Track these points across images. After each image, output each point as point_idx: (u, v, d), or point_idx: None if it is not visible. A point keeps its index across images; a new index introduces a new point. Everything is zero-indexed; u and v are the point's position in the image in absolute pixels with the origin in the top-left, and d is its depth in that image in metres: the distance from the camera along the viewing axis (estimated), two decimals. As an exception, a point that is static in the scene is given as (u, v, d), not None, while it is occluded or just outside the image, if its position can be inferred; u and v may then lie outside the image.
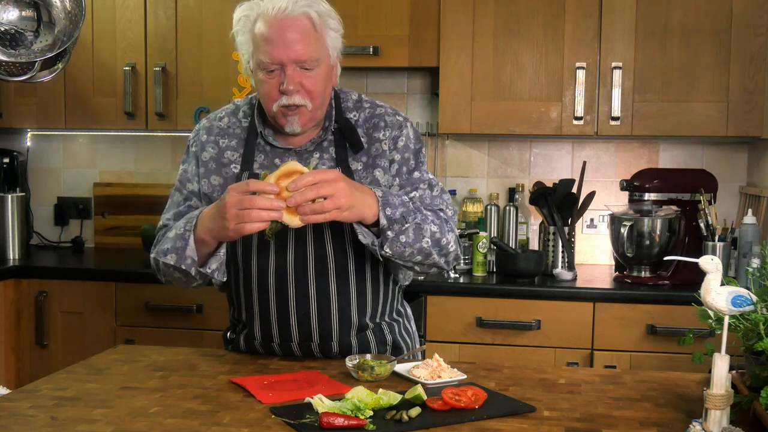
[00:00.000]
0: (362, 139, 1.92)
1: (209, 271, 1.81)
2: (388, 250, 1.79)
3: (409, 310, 2.13)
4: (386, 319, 2.01)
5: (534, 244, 3.53)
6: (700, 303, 1.45)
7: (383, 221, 1.76)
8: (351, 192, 1.69)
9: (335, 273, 1.88)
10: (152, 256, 1.91)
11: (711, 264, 1.41)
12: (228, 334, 2.04)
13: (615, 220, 3.11)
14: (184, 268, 1.80)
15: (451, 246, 1.89)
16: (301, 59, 1.81)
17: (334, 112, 1.94)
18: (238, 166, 1.93)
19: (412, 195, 1.91)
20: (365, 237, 1.79)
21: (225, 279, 1.86)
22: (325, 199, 1.65)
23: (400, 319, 2.06)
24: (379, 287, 1.96)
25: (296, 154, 1.92)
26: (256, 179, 1.71)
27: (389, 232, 1.77)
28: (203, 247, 1.79)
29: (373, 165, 1.91)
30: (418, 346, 2.11)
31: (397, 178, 1.92)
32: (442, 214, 1.90)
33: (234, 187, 1.70)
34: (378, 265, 1.94)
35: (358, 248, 1.89)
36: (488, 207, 3.43)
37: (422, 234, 1.81)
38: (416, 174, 1.94)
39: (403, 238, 1.78)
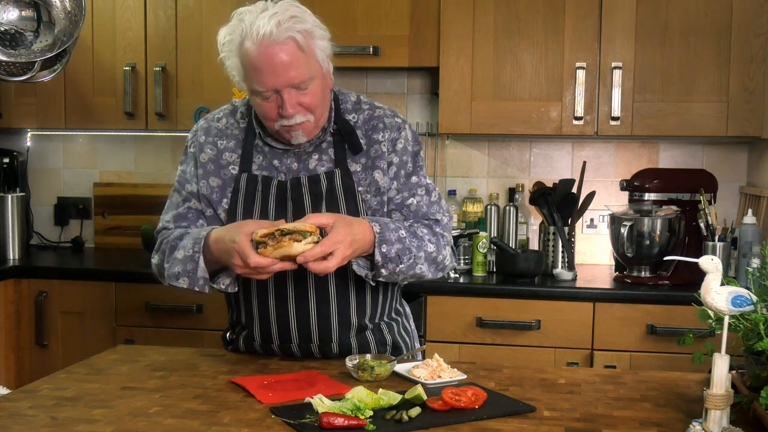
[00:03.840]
0: (361, 141, 1.92)
1: (223, 287, 1.85)
2: (381, 279, 1.86)
3: (408, 309, 2.14)
4: (385, 319, 2.01)
5: (534, 244, 3.53)
6: (700, 303, 1.45)
7: (378, 258, 1.80)
8: (351, 245, 1.73)
9: (334, 274, 1.87)
10: (163, 277, 1.91)
11: (711, 264, 1.41)
12: (227, 335, 2.04)
13: (615, 220, 3.11)
14: (197, 289, 1.83)
15: (447, 260, 1.94)
16: (294, 83, 1.79)
17: (333, 114, 1.93)
18: (237, 168, 1.92)
19: (409, 201, 1.92)
20: (360, 269, 1.84)
21: (236, 290, 1.88)
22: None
23: (399, 318, 2.06)
24: (378, 288, 1.95)
25: (295, 155, 1.91)
26: (254, 249, 1.68)
27: (383, 270, 1.82)
28: (213, 265, 1.82)
29: (372, 166, 1.91)
30: (417, 345, 2.11)
31: (395, 182, 1.92)
32: (437, 228, 1.92)
33: (239, 252, 1.68)
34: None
35: (356, 248, 1.90)
36: (488, 207, 3.43)
37: (416, 263, 1.85)
38: (414, 179, 1.94)
39: (397, 269, 1.83)
